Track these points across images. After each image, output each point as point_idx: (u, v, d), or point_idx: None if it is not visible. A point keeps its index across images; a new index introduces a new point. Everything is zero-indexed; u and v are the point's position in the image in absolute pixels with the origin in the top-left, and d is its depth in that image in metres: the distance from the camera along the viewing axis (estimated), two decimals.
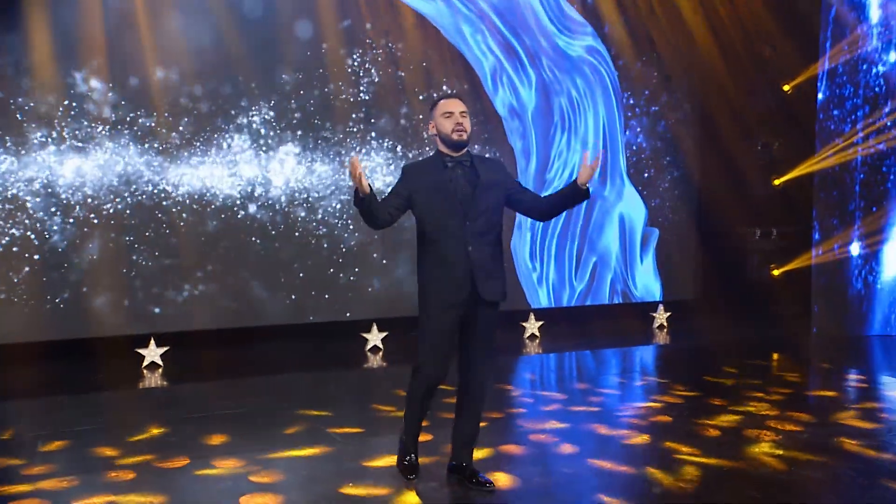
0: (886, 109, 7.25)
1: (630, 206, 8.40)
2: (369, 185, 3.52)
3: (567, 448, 4.07)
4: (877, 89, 7.27)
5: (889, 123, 7.23)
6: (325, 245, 7.09)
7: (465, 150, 3.83)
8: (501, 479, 3.63)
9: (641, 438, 4.17)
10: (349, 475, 3.80)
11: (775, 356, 6.43)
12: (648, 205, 8.55)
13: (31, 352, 6.27)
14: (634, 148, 8.50)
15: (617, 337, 7.39)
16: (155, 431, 4.40)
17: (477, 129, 7.25)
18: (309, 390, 5.57)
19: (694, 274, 8.89)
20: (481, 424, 3.80)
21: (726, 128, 8.81)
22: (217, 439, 4.28)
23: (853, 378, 5.77)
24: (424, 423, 3.83)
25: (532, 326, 7.35)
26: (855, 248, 7.39)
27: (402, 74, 7.30)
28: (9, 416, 4.99)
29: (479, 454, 3.82)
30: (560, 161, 7.91)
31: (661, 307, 8.13)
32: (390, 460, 3.83)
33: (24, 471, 3.74)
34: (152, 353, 6.39)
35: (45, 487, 3.51)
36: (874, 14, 7.24)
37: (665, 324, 7.92)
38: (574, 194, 3.77)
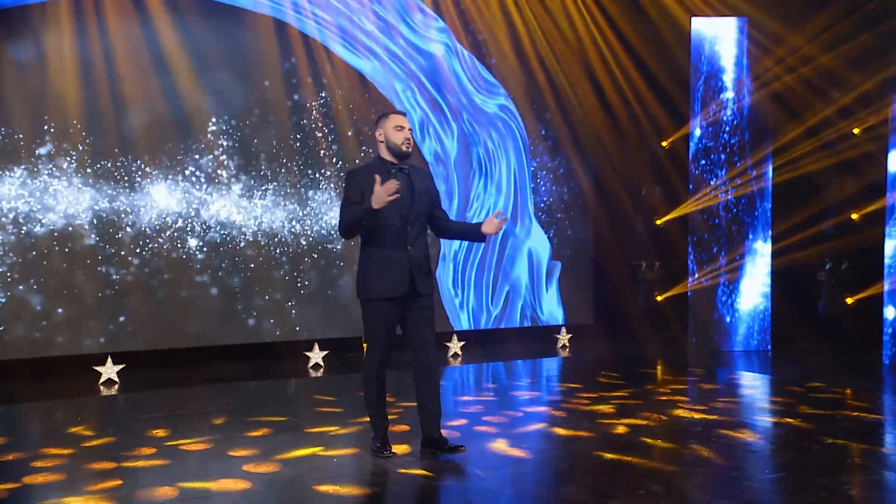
0: (739, 165, 8.07)
1: (537, 242, 8.96)
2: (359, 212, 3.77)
3: (541, 427, 4.72)
4: (734, 157, 8.12)
5: (746, 176, 8.09)
6: (272, 273, 7.46)
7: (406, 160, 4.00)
8: (516, 453, 4.08)
9: (589, 419, 4.81)
10: (319, 444, 4.23)
11: (660, 364, 7.25)
12: (552, 241, 9.04)
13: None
14: (540, 192, 9.02)
15: (528, 354, 7.88)
16: (102, 433, 4.60)
17: None
18: (259, 396, 5.98)
19: (591, 301, 9.36)
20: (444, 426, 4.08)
21: (617, 176, 9.26)
22: (176, 432, 4.55)
23: (727, 378, 6.71)
24: (391, 416, 4.16)
25: (455, 346, 7.83)
26: (720, 279, 8.13)
27: (341, 123, 7.75)
28: None
29: (498, 445, 4.23)
30: (478, 202, 8.55)
31: (563, 329, 8.67)
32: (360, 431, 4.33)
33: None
34: (109, 370, 6.50)
35: (38, 482, 3.67)
36: (728, 89, 8.12)
37: (567, 344, 8.42)
38: (475, 235, 4.11)
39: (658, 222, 9.14)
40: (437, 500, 3.59)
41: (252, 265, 7.38)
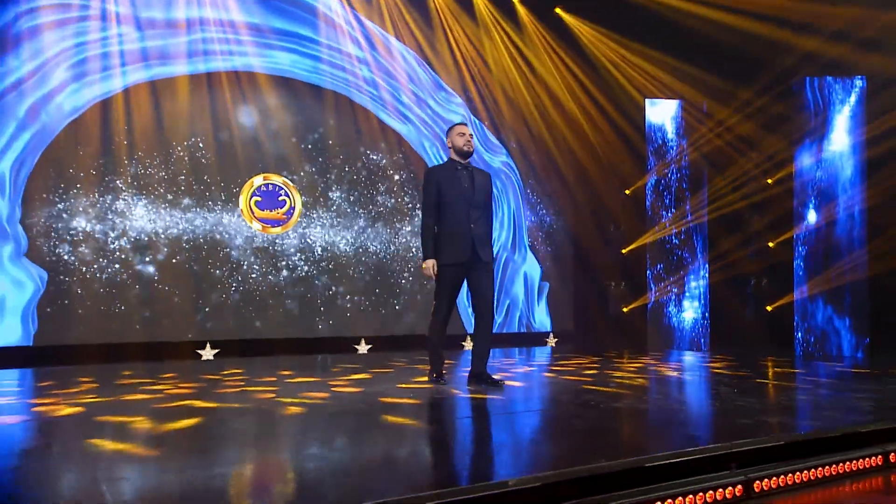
0: (682, 207, 9.40)
1: (530, 267, 10.11)
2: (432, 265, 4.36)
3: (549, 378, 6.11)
4: (678, 201, 9.43)
5: (688, 216, 9.45)
6: (331, 281, 8.73)
7: (469, 160, 4.46)
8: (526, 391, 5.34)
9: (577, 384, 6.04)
10: (389, 373, 5.57)
11: (626, 354, 8.49)
12: (542, 266, 10.15)
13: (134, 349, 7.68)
14: (533, 228, 10.15)
15: (524, 351, 9.02)
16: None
17: None
18: (324, 368, 7.01)
19: (572, 312, 10.32)
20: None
21: (592, 216, 10.20)
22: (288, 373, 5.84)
23: (675, 358, 8.03)
24: (447, 363, 5.03)
25: (468, 344, 9.13)
26: (671, 294, 9.39)
27: (387, 169, 9.15)
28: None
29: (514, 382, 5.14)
30: None
31: (551, 334, 9.85)
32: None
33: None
34: (208, 353, 7.77)
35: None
36: (673, 151, 9.51)
37: (553, 345, 9.62)
38: None
39: (623, 251, 10.14)
40: (480, 405, 4.35)
41: (316, 276, 8.67)
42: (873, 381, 5.62)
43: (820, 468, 3.19)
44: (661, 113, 9.71)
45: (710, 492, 2.79)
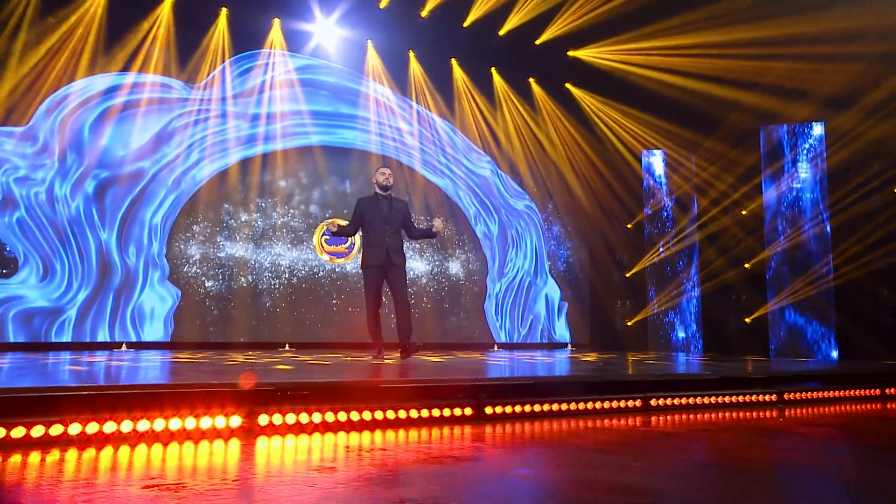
0: (673, 236, 10.42)
1: (551, 289, 11.39)
2: (337, 226, 5.28)
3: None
4: (670, 230, 10.40)
5: (678, 242, 10.36)
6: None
7: (389, 192, 5.11)
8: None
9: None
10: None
11: (630, 357, 9.44)
12: (561, 289, 11.34)
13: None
14: (553, 258, 11.42)
15: (546, 358, 10.26)
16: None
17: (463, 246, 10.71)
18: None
19: (588, 327, 11.43)
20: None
21: (601, 246, 11.24)
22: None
23: (672, 359, 9.03)
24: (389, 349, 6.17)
25: (496, 349, 10.51)
26: (666, 308, 10.35)
27: (427, 215, 10.93)
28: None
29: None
30: (511, 264, 11.19)
31: (569, 346, 11.02)
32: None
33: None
34: (287, 350, 9.73)
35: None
36: (663, 190, 10.57)
37: (571, 350, 10.72)
38: (430, 235, 5.27)
39: (627, 274, 11.15)
40: (409, 368, 5.03)
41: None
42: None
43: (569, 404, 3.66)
44: (653, 160, 10.80)
45: (448, 410, 3.27)
